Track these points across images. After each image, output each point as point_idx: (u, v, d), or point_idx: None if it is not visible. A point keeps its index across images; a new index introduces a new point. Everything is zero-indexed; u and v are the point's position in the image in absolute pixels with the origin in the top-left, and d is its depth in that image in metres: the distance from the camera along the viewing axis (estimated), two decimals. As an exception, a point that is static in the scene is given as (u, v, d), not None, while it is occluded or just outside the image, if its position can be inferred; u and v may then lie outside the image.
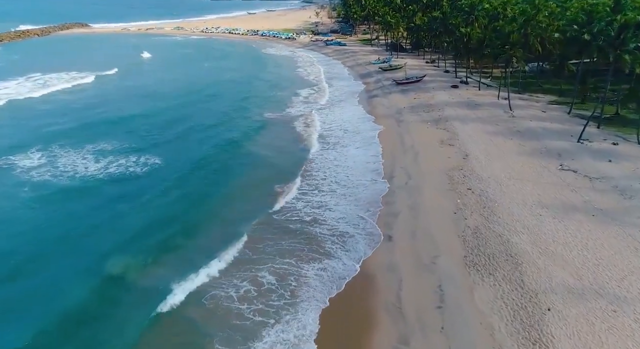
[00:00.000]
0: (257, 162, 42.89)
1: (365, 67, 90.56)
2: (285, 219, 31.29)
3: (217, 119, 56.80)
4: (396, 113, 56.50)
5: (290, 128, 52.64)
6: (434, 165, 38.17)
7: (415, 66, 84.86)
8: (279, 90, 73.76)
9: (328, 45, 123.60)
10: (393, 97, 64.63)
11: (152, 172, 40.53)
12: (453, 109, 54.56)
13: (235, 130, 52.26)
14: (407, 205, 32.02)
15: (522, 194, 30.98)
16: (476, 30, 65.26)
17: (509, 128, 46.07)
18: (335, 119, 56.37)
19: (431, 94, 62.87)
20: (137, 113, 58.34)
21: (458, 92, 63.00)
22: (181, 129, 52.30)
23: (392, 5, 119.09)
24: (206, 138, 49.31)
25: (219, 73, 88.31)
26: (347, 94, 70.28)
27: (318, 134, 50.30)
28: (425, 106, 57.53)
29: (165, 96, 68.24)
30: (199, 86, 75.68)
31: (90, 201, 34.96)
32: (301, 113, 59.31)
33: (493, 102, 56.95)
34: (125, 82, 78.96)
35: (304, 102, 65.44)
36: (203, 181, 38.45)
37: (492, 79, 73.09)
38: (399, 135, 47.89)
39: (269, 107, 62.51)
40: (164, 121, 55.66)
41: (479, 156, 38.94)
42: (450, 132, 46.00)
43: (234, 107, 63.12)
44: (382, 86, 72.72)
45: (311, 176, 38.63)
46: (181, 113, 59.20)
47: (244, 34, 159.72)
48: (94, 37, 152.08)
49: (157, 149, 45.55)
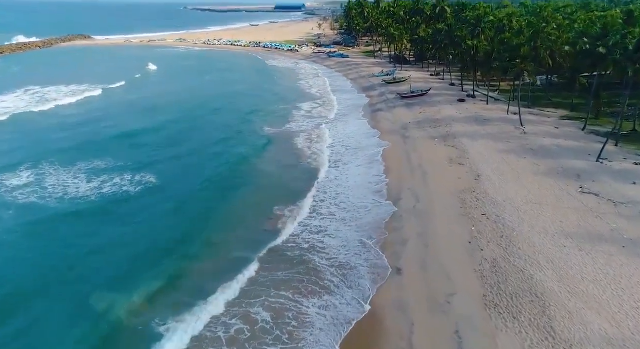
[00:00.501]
0: (257, 182, 40.62)
1: (368, 79, 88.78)
2: (282, 245, 28.94)
3: (218, 135, 54.56)
4: (402, 128, 54.32)
5: (291, 145, 50.46)
6: (444, 186, 35.80)
7: (419, 79, 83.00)
8: (280, 103, 71.84)
9: (331, 57, 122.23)
10: (398, 112, 62.55)
11: (147, 193, 38.31)
12: (461, 124, 52.35)
13: (236, 147, 50.05)
14: (417, 232, 29.59)
15: (542, 221, 28.52)
16: (483, 43, 63.38)
17: (522, 146, 43.73)
18: (338, 135, 54.21)
19: (437, 109, 60.76)
20: (136, 129, 56.17)
21: (465, 107, 60.86)
22: (181, 146, 50.18)
23: (395, 17, 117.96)
24: (206, 156, 47.10)
25: (221, 86, 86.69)
26: (351, 108, 68.29)
27: (320, 151, 48.09)
28: (431, 121, 55.36)
29: (167, 110, 66.30)
30: (201, 100, 73.78)
31: (78, 226, 32.71)
32: (303, 128, 57.20)
33: (503, 117, 54.72)
34: (127, 96, 77.11)
35: (307, 117, 63.37)
36: (199, 203, 36.18)
37: (499, 93, 71.06)
38: (405, 152, 45.62)
39: (271, 122, 60.48)
40: (163, 137, 53.55)
41: (492, 176, 36.57)
42: (459, 150, 43.70)
43: (235, 122, 61.12)
44: (387, 100, 70.74)
45: (312, 198, 36.30)
46: (182, 128, 57.12)
47: (246, 45, 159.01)
48: (96, 49, 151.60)
49: (154, 167, 43.38)
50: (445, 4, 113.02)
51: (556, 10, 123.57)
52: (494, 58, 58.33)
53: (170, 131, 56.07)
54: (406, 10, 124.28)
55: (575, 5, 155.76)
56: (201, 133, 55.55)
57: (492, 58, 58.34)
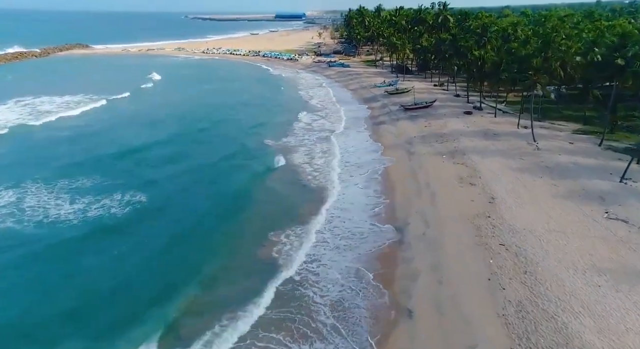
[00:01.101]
0: (252, 203, 37.64)
1: (370, 90, 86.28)
2: (287, 283, 25.95)
3: (219, 150, 51.25)
4: (406, 143, 51.52)
5: (290, 160, 47.56)
6: (456, 210, 32.87)
7: (423, 90, 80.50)
8: (280, 115, 68.98)
9: (331, 66, 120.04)
10: (402, 125, 59.81)
11: (136, 217, 35.23)
12: (469, 139, 49.58)
13: (235, 164, 46.94)
14: (428, 264, 26.60)
15: (569, 253, 25.55)
16: (490, 53, 60.84)
17: (536, 163, 40.89)
18: (339, 150, 51.34)
19: (443, 121, 58.05)
20: (130, 144, 52.58)
21: (472, 120, 58.14)
22: (178, 164, 46.65)
23: (397, 26, 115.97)
24: (205, 175, 43.53)
25: (220, 96, 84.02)
26: (352, 120, 65.55)
27: (321, 169, 45.23)
28: (437, 135, 52.59)
29: (164, 124, 62.70)
30: (199, 112, 70.47)
31: (54, 256, 29.71)
32: (304, 142, 54.37)
33: (513, 131, 51.96)
34: (122, 108, 73.99)
35: (307, 130, 60.53)
36: (194, 229, 33.17)
37: (507, 104, 68.46)
38: (411, 170, 42.75)
39: (271, 135, 57.48)
40: (159, 153, 49.91)
41: (507, 199, 33.66)
42: (469, 168, 40.84)
43: (235, 134, 58.39)
44: (389, 112, 68.08)
45: (310, 222, 33.35)
46: (180, 144, 53.68)
47: (245, 54, 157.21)
48: (94, 58, 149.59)
49: (146, 187, 40.05)
50: (447, 13, 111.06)
51: (560, 19, 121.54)
52: (502, 69, 55.71)
53: (167, 147, 52.54)
54: (408, 19, 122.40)
55: (578, 14, 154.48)
56: (201, 148, 52.09)
57: (501, 69, 55.72)
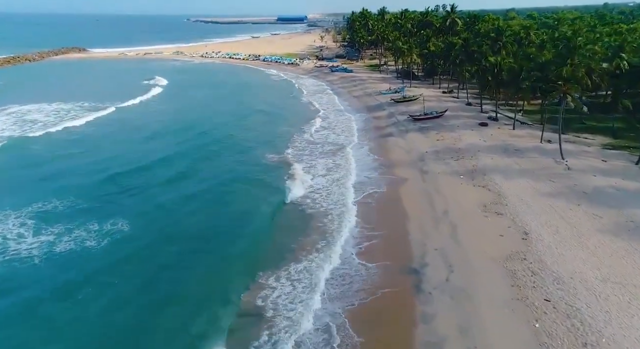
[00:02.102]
0: (240, 238, 32.28)
1: (375, 97, 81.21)
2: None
3: (215, 171, 45.69)
4: (418, 160, 46.40)
5: (283, 183, 42.25)
6: (483, 248, 27.73)
7: (431, 97, 75.45)
8: (283, 126, 63.47)
9: (333, 71, 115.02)
10: (411, 138, 54.68)
11: (112, 251, 30.20)
12: (488, 155, 44.46)
13: (231, 188, 41.67)
14: (455, 325, 21.46)
15: (638, 317, 20.34)
16: (507, 60, 55.78)
17: (570, 188, 35.71)
18: (339, 168, 46.16)
19: (457, 134, 52.95)
20: (115, 164, 46.63)
21: (489, 132, 53.02)
22: (172, 187, 41.08)
23: (403, 29, 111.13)
24: (198, 203, 37.91)
25: (218, 105, 78.83)
26: (356, 132, 60.45)
27: (317, 193, 40.08)
28: (452, 150, 47.48)
29: (155, 139, 57.09)
30: (197, 125, 63.97)
31: (9, 303, 24.84)
32: (304, 158, 49.25)
33: (536, 146, 46.83)
34: (114, 118, 68.87)
35: (309, 142, 55.44)
36: (174, 269, 28.16)
37: (523, 114, 63.35)
38: (425, 193, 37.62)
39: (265, 149, 52.33)
40: (146, 175, 43.96)
41: (544, 234, 28.49)
42: (493, 193, 35.71)
43: (232, 148, 53.45)
44: (397, 122, 62.99)
45: (315, 260, 28.29)
46: (175, 159, 48.25)
47: (245, 58, 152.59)
48: (90, 63, 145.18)
49: (130, 215, 34.76)
50: (455, 16, 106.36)
51: (571, 21, 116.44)
52: (522, 77, 50.60)
53: (158, 167, 46.41)
54: (414, 23, 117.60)
55: (588, 16, 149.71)
56: (196, 169, 45.93)
57: (520, 77, 50.61)
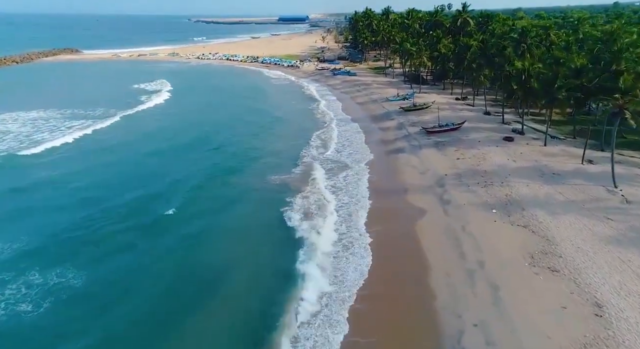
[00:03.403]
0: (228, 285, 25.33)
1: (381, 105, 73.81)
2: None
3: (206, 203, 37.93)
4: (436, 184, 39.05)
5: (278, 215, 34.97)
6: (543, 328, 20.36)
7: (443, 105, 68.07)
8: (283, 141, 55.70)
9: (335, 75, 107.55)
10: (426, 155, 47.30)
11: (55, 317, 23.29)
12: (523, 181, 37.06)
13: (212, 215, 34.95)
14: None
15: None
16: (537, 65, 48.36)
17: (636, 229, 28.30)
18: (341, 192, 38.83)
19: (480, 152, 45.58)
20: (86, 194, 39.17)
21: (517, 149, 45.59)
22: (150, 218, 34.23)
23: (410, 30, 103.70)
24: (178, 236, 31.53)
25: (212, 114, 71.69)
26: (360, 147, 52.91)
27: (313, 229, 32.73)
28: (477, 173, 40.10)
29: (132, 162, 49.46)
30: (187, 139, 56.12)
31: None
32: (296, 179, 41.96)
33: (577, 169, 39.38)
34: (97, 134, 61.70)
35: (309, 157, 48.14)
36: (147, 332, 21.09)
37: (551, 125, 55.91)
38: (450, 233, 30.26)
39: (253, 171, 45.37)
40: (118, 202, 36.92)
41: (625, 308, 21.08)
42: (538, 236, 28.33)
43: (223, 164, 46.33)
44: (407, 135, 55.57)
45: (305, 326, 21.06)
46: (160, 196, 39.18)
47: (243, 60, 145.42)
48: (80, 65, 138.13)
49: (84, 262, 27.97)
50: (467, 15, 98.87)
51: (589, 20, 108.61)
52: (557, 86, 43.15)
53: (143, 185, 40.18)
54: (421, 23, 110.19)
55: (603, 16, 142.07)
56: (178, 199, 38.27)
57: (555, 86, 43.16)
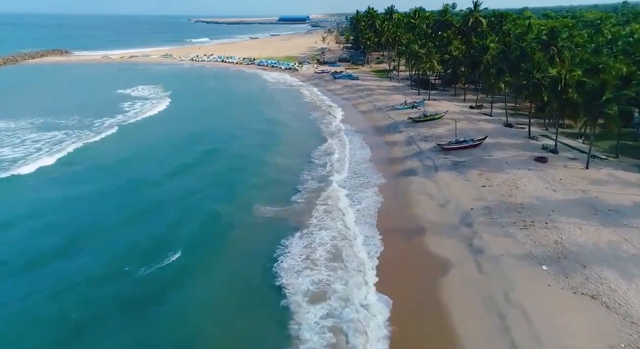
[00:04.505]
0: None
1: (387, 114, 66.07)
2: None
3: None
4: (461, 223, 31.28)
5: (267, 269, 27.32)
6: None
7: (456, 114, 60.45)
8: (264, 160, 48.25)
9: (336, 78, 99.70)
10: (444, 179, 39.52)
11: None
12: (572, 221, 29.28)
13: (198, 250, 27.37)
14: None
15: None
16: (577, 72, 40.60)
17: None
18: (339, 236, 31.09)
19: (509, 176, 37.82)
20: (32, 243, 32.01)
21: (555, 174, 37.75)
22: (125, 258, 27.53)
23: (417, 31, 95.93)
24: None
25: (199, 126, 64.15)
26: (364, 166, 45.09)
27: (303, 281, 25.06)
28: (511, 206, 32.32)
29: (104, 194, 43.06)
30: (168, 156, 48.83)
31: None
32: (294, 213, 34.26)
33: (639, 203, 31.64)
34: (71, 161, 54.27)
35: (309, 182, 40.37)
36: None
37: (584, 140, 48.24)
38: (490, 306, 22.46)
39: (245, 201, 37.73)
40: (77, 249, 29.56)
41: None
42: (619, 316, 20.54)
43: (203, 197, 38.59)
44: (419, 152, 47.82)
45: None
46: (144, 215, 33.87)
47: (239, 62, 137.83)
48: (66, 67, 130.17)
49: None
50: (478, 14, 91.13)
51: (610, 19, 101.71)
52: (605, 99, 35.39)
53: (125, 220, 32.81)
54: (429, 23, 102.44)
55: (615, 15, 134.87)
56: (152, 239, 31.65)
57: (604, 98, 35.41)
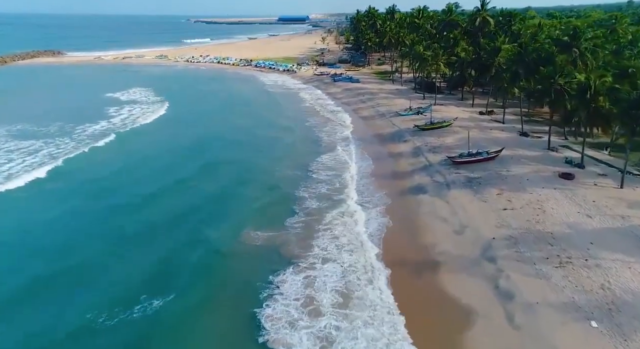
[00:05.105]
0: None
1: (390, 120, 61.44)
2: None
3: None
4: (483, 256, 26.71)
5: (251, 317, 22.77)
6: None
7: (466, 121, 56.01)
8: (257, 180, 44.36)
9: (336, 81, 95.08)
10: (458, 199, 34.88)
11: None
12: (617, 257, 24.70)
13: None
14: None
15: None
16: (607, 78, 35.97)
17: None
18: (343, 263, 26.51)
19: (532, 196, 33.23)
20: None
21: (587, 196, 33.13)
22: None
23: (421, 31, 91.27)
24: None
25: (187, 137, 59.62)
26: (367, 184, 40.45)
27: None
28: (539, 235, 27.72)
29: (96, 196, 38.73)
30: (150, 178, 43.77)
31: None
32: (291, 242, 29.74)
33: (690, 234, 27.08)
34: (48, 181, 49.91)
35: (307, 202, 35.81)
36: None
37: (610, 152, 43.71)
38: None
39: (226, 229, 33.23)
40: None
41: None
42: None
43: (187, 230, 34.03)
44: (428, 165, 43.19)
45: None
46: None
47: (235, 64, 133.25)
48: (56, 69, 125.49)
49: None
50: (486, 14, 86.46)
51: (618, 18, 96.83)
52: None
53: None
54: (433, 22, 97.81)
55: (628, 14, 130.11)
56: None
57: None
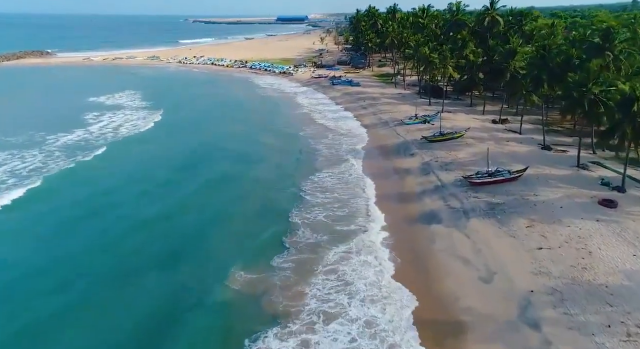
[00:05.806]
0: None
1: (394, 130, 55.69)
2: None
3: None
4: (521, 318, 21.04)
5: None
6: None
7: (478, 132, 50.50)
8: (243, 204, 38.83)
9: (335, 84, 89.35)
10: (479, 231, 29.15)
11: None
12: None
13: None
14: None
15: None
16: (656, 87, 30.36)
17: None
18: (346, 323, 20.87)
19: (570, 229, 27.63)
20: None
21: (633, 227, 27.56)
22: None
23: (426, 32, 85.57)
24: None
25: (171, 150, 54.00)
26: (368, 212, 34.53)
27: None
28: (590, 288, 22.10)
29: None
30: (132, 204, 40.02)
31: None
32: (274, 297, 24.06)
33: None
34: None
35: (291, 236, 30.12)
36: None
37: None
38: None
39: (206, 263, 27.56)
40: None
41: None
42: None
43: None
44: (440, 186, 37.41)
45: None
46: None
47: (229, 65, 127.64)
48: (42, 70, 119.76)
49: None
50: (495, 13, 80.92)
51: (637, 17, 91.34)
52: None
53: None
54: (438, 22, 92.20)
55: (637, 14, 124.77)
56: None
57: None
